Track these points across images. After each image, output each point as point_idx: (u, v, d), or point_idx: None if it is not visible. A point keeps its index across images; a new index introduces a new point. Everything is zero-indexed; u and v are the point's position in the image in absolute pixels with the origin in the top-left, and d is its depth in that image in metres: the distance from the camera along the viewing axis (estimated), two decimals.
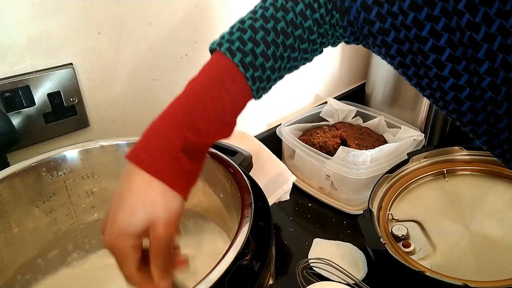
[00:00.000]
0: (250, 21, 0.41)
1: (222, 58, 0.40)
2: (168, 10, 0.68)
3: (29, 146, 0.59)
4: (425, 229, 0.64)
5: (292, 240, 0.74)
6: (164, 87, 0.73)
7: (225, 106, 0.39)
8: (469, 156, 0.74)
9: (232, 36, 0.41)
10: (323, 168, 0.79)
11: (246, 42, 0.40)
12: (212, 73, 0.41)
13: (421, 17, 0.38)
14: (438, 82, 0.40)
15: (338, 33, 0.44)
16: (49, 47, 0.57)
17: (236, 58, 0.39)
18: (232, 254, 0.35)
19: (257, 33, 0.40)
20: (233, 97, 0.40)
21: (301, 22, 0.41)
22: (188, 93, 0.40)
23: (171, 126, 0.38)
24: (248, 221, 0.39)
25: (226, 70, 0.40)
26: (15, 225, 0.49)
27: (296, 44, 0.42)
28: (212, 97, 0.39)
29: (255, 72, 0.40)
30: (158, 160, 0.36)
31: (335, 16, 0.43)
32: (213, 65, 0.41)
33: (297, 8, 0.41)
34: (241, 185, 0.44)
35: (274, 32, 0.41)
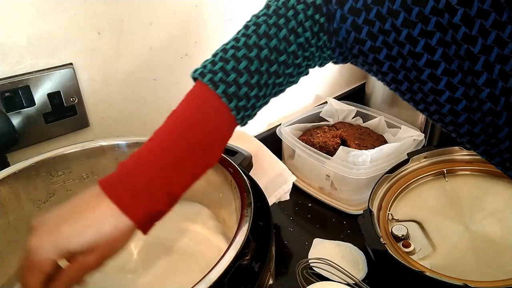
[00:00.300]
0: (233, 50, 0.40)
1: (205, 89, 0.39)
2: (168, 10, 0.68)
3: (29, 146, 0.59)
4: (425, 229, 0.64)
5: (292, 240, 0.74)
6: (164, 87, 0.73)
7: (211, 139, 0.39)
8: (469, 156, 0.74)
9: (214, 67, 0.39)
10: (323, 168, 0.79)
11: (229, 72, 0.39)
12: (195, 106, 0.39)
13: (415, 33, 0.37)
14: (433, 96, 0.40)
15: (325, 55, 0.43)
16: (49, 47, 0.57)
17: (219, 90, 0.38)
18: (231, 254, 0.35)
19: (240, 63, 0.39)
20: (218, 129, 0.39)
21: (285, 47, 0.40)
22: (171, 129, 0.39)
23: (156, 168, 0.36)
24: (248, 221, 0.39)
25: (210, 102, 0.39)
26: (15, 225, 0.49)
27: (281, 70, 0.41)
28: (196, 132, 0.38)
29: (239, 102, 0.39)
30: (136, 200, 0.35)
31: (322, 38, 0.42)
32: (196, 97, 0.40)
33: (280, 34, 0.40)
34: (241, 185, 0.44)
35: (258, 60, 0.39)
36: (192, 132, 0.38)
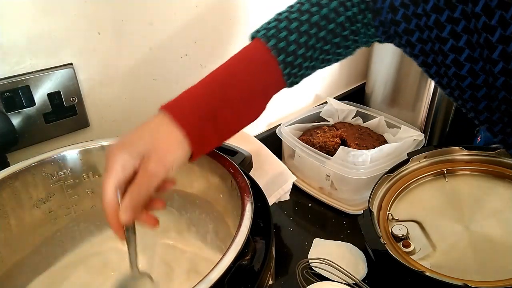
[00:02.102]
0: (287, 13, 0.45)
1: (258, 43, 0.44)
2: (168, 10, 0.68)
3: (29, 146, 0.59)
4: (425, 229, 0.64)
5: (292, 240, 0.74)
6: (164, 87, 0.73)
7: (257, 86, 0.43)
8: (469, 156, 0.74)
9: (269, 25, 0.45)
10: (323, 168, 0.79)
11: (281, 30, 0.43)
12: (248, 55, 0.44)
13: (442, 19, 0.40)
14: (456, 81, 0.42)
15: (370, 32, 0.47)
16: (49, 47, 0.57)
17: (270, 43, 0.43)
18: (232, 254, 0.35)
19: (292, 23, 0.44)
20: (265, 79, 0.44)
21: (333, 17, 0.44)
22: (224, 69, 0.44)
23: (207, 94, 0.42)
24: (248, 221, 0.39)
25: (261, 53, 0.44)
26: (15, 225, 0.49)
27: (328, 37, 0.45)
28: (245, 76, 0.43)
29: (287, 57, 0.43)
30: (186, 113, 0.40)
31: (367, 16, 0.45)
32: (249, 48, 0.45)
33: (331, 5, 0.44)
34: (241, 185, 0.44)
35: (308, 24, 0.44)
36: (242, 75, 0.43)
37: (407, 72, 0.96)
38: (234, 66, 0.44)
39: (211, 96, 0.42)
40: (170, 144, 0.39)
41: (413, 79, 0.95)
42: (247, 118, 0.45)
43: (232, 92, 0.42)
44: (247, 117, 0.45)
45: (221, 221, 0.53)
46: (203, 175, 0.53)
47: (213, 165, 0.50)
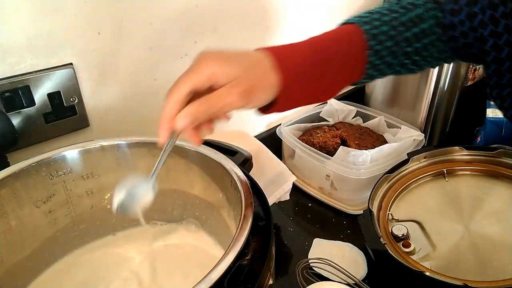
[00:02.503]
0: (378, 9, 0.48)
1: (351, 26, 0.46)
2: (168, 10, 0.68)
3: (29, 146, 0.59)
4: (425, 229, 0.64)
5: (292, 240, 0.74)
6: (164, 87, 0.72)
7: (345, 63, 0.45)
8: (469, 156, 0.74)
9: (361, 16, 0.48)
10: (323, 168, 0.79)
11: (374, 19, 0.47)
12: (339, 34, 0.46)
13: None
14: None
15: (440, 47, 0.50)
16: (49, 47, 0.57)
17: (364, 27, 0.46)
18: (232, 254, 0.35)
19: (384, 16, 0.47)
20: (353, 57, 0.46)
21: (418, 22, 0.47)
22: (319, 40, 0.46)
23: (307, 55, 0.43)
24: (248, 221, 0.39)
25: (353, 34, 0.46)
26: (15, 225, 0.49)
27: (412, 39, 0.48)
28: (337, 48, 0.45)
29: (376, 45, 0.46)
30: (288, 64, 0.41)
31: (437, 31, 0.49)
32: (341, 30, 0.47)
33: (417, 11, 0.48)
34: (241, 185, 0.44)
35: (397, 21, 0.47)
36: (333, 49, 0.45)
37: None
38: (328, 38, 0.46)
39: (310, 57, 0.43)
40: (264, 83, 0.40)
41: (413, 79, 0.95)
42: (329, 90, 0.47)
43: (325, 60, 0.44)
44: (328, 89, 0.47)
45: (221, 221, 0.53)
46: (203, 175, 0.53)
47: (213, 165, 0.50)
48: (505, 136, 0.83)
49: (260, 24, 0.84)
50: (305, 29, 0.96)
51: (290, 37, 0.93)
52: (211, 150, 0.51)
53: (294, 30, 0.93)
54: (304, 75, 0.43)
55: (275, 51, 0.42)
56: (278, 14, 0.87)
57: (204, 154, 0.51)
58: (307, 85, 0.44)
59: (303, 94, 0.44)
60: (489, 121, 0.83)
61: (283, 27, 0.90)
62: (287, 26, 0.91)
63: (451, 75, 0.91)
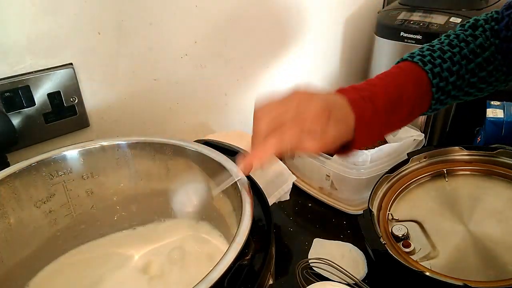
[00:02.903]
0: (439, 45, 0.50)
1: (414, 66, 0.48)
2: (168, 10, 0.68)
3: (29, 146, 0.59)
4: (425, 229, 0.64)
5: (292, 240, 0.74)
6: (164, 87, 0.73)
7: (408, 102, 0.46)
8: (469, 156, 0.73)
9: (423, 53, 0.49)
10: (323, 168, 0.79)
11: (435, 58, 0.48)
12: (407, 77, 0.47)
13: None
14: None
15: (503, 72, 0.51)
16: (49, 47, 0.57)
17: (427, 67, 0.47)
18: (232, 254, 0.35)
19: (445, 53, 0.48)
20: (417, 96, 0.47)
21: (480, 52, 0.49)
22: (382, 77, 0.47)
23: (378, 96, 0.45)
24: (248, 221, 0.39)
25: (416, 75, 0.47)
26: (15, 225, 0.49)
27: (476, 70, 0.49)
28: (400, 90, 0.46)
29: (440, 82, 0.47)
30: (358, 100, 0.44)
31: (498, 58, 0.50)
32: (406, 70, 0.48)
33: (477, 41, 0.49)
34: (241, 185, 0.44)
35: (459, 55, 0.48)
36: (400, 91, 0.46)
37: None
38: (395, 82, 0.47)
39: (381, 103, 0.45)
40: (340, 137, 0.42)
41: None
42: (395, 127, 0.49)
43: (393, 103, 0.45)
44: (395, 126, 0.49)
45: (221, 221, 0.53)
46: (203, 175, 0.53)
47: (213, 165, 0.50)
48: (505, 136, 0.83)
49: (260, 23, 0.84)
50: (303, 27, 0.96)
51: (291, 38, 0.93)
52: (211, 150, 0.51)
53: (294, 31, 0.93)
54: (378, 123, 0.45)
55: (351, 98, 0.44)
56: (278, 14, 0.87)
57: (204, 154, 0.51)
58: (380, 129, 0.46)
59: (375, 137, 0.47)
60: (489, 121, 0.83)
61: (285, 27, 0.90)
62: (292, 24, 0.91)
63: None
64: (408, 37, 0.92)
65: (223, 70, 0.82)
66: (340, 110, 0.42)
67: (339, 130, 0.42)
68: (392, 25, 0.95)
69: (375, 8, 1.13)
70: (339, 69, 1.12)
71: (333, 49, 1.08)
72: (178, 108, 0.76)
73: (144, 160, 0.55)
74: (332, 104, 0.42)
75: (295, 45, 0.95)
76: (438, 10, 0.93)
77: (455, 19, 0.89)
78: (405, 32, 0.92)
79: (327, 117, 0.40)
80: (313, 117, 0.40)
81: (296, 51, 0.96)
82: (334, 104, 0.42)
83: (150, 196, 0.58)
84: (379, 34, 0.99)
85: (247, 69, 0.87)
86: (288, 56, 0.95)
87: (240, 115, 0.90)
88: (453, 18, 0.89)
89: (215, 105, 0.85)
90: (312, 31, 0.98)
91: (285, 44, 0.93)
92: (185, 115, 0.79)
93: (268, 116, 0.40)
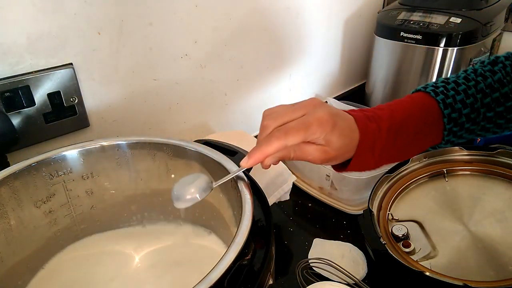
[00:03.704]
0: (454, 78, 0.49)
1: (426, 96, 0.47)
2: (168, 10, 0.68)
3: (29, 146, 0.59)
4: (425, 229, 0.64)
5: (292, 240, 0.74)
6: (164, 87, 0.73)
7: (419, 132, 0.46)
8: (469, 156, 0.74)
9: (436, 85, 0.48)
10: (323, 168, 0.79)
11: (449, 89, 0.47)
12: (414, 104, 0.47)
13: None
14: None
15: None
16: (49, 47, 0.57)
17: (439, 97, 0.46)
18: (232, 254, 0.35)
19: (460, 86, 0.47)
20: (428, 126, 0.46)
21: (498, 87, 0.48)
22: (393, 104, 0.47)
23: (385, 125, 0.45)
24: (248, 221, 0.39)
25: (426, 103, 0.47)
26: (15, 225, 0.49)
27: (493, 104, 0.48)
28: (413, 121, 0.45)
29: (452, 113, 0.46)
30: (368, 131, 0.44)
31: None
32: (416, 98, 0.48)
33: (495, 77, 0.48)
34: (241, 185, 0.44)
35: (475, 89, 0.47)
36: (409, 119, 0.46)
37: (407, 72, 0.96)
38: (404, 109, 0.46)
39: (387, 128, 0.45)
40: (346, 155, 0.43)
41: (413, 79, 0.95)
42: (404, 155, 0.49)
43: (400, 130, 0.45)
44: (403, 154, 0.48)
45: (221, 221, 0.53)
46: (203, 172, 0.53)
47: (213, 165, 0.50)
48: (505, 136, 0.83)
49: (260, 23, 0.84)
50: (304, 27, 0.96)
51: (291, 37, 0.93)
52: (211, 150, 0.51)
53: (294, 31, 0.93)
54: (380, 143, 0.45)
55: (357, 115, 0.44)
56: (278, 14, 0.87)
57: (204, 154, 0.51)
58: (383, 152, 0.45)
59: (377, 159, 0.46)
60: None
61: (285, 27, 0.90)
62: (293, 24, 0.91)
63: (451, 75, 0.91)
64: (408, 37, 0.92)
65: (223, 70, 0.82)
66: (345, 122, 0.43)
67: (342, 142, 0.42)
68: (392, 25, 0.95)
69: (375, 8, 1.13)
70: (339, 69, 1.12)
71: (333, 49, 1.08)
72: (178, 108, 0.76)
73: (144, 160, 0.55)
74: (338, 115, 0.42)
75: (295, 44, 0.95)
76: (438, 10, 0.93)
77: (455, 19, 0.89)
78: (405, 32, 0.92)
79: (332, 126, 0.41)
80: (319, 122, 0.40)
81: (296, 51, 0.96)
82: (340, 116, 0.43)
83: (150, 196, 0.58)
84: (379, 34, 1.00)
85: (247, 69, 0.87)
86: (288, 56, 0.95)
87: (240, 115, 0.90)
88: (453, 18, 0.89)
89: (215, 105, 0.85)
90: (312, 31, 0.98)
91: (285, 43, 0.93)
92: (185, 115, 0.79)
93: (276, 115, 0.41)
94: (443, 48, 0.89)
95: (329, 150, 0.42)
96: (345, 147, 0.42)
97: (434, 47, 0.90)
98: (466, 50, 0.90)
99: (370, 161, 0.46)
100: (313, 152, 0.42)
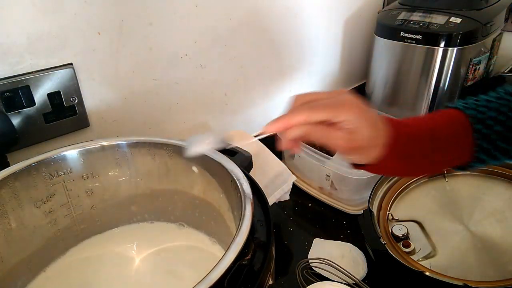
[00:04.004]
0: (484, 96, 0.48)
1: (456, 112, 0.46)
2: (168, 10, 0.68)
3: (29, 146, 0.59)
4: (425, 229, 0.64)
5: (292, 240, 0.74)
6: (164, 87, 0.73)
7: (449, 147, 0.45)
8: None
9: (466, 102, 0.48)
10: (323, 168, 0.79)
11: (479, 105, 0.46)
12: (445, 118, 0.46)
13: None
14: None
15: None
16: (49, 47, 0.57)
17: (469, 111, 0.45)
18: (232, 254, 0.35)
19: (491, 103, 0.46)
20: (458, 142, 0.45)
21: None
22: (419, 116, 0.47)
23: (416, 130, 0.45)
24: (248, 221, 0.39)
25: (455, 116, 0.46)
26: (15, 225, 0.49)
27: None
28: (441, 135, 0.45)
29: (483, 128, 0.45)
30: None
31: None
32: (442, 111, 0.47)
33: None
34: (241, 185, 0.44)
35: (507, 107, 0.46)
36: (437, 133, 0.45)
37: (407, 72, 0.96)
38: (434, 122, 0.46)
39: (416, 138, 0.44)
40: (371, 152, 0.42)
41: (413, 79, 0.95)
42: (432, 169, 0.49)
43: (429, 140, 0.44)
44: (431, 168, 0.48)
45: (221, 221, 0.53)
46: (203, 175, 0.53)
47: (213, 165, 0.50)
48: None
49: (260, 23, 0.84)
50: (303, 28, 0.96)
51: (291, 37, 0.93)
52: (211, 150, 0.51)
53: (294, 31, 0.93)
54: (407, 151, 0.44)
55: (394, 127, 0.44)
56: (278, 14, 0.87)
57: (204, 154, 0.51)
58: (409, 160, 0.45)
59: (403, 167, 0.45)
60: None
61: (286, 26, 0.90)
62: (293, 24, 0.91)
63: (451, 75, 0.91)
64: (408, 37, 0.92)
65: (223, 70, 0.82)
66: (376, 115, 0.42)
67: (370, 133, 0.40)
68: (392, 25, 0.95)
69: (375, 8, 1.13)
70: (339, 69, 1.12)
71: (333, 49, 1.08)
72: (178, 108, 0.76)
73: (144, 160, 0.55)
74: (370, 109, 0.41)
75: (295, 45, 0.95)
76: (438, 10, 0.93)
77: (455, 19, 0.89)
78: (405, 32, 0.92)
79: (361, 112, 0.39)
80: (349, 105, 0.39)
81: (296, 51, 0.96)
82: (371, 110, 0.42)
83: (150, 196, 0.58)
84: (379, 34, 1.00)
85: (247, 69, 0.87)
86: (288, 56, 0.95)
87: (240, 115, 0.90)
88: (453, 18, 0.89)
89: (215, 105, 0.85)
90: (312, 31, 0.98)
91: (285, 44, 0.93)
92: (185, 115, 0.79)
93: (305, 94, 0.41)
94: (443, 48, 0.89)
95: (355, 139, 0.40)
96: (372, 140, 0.41)
97: (434, 47, 0.90)
98: (466, 50, 0.90)
99: (396, 166, 0.45)
100: (339, 138, 0.40)
